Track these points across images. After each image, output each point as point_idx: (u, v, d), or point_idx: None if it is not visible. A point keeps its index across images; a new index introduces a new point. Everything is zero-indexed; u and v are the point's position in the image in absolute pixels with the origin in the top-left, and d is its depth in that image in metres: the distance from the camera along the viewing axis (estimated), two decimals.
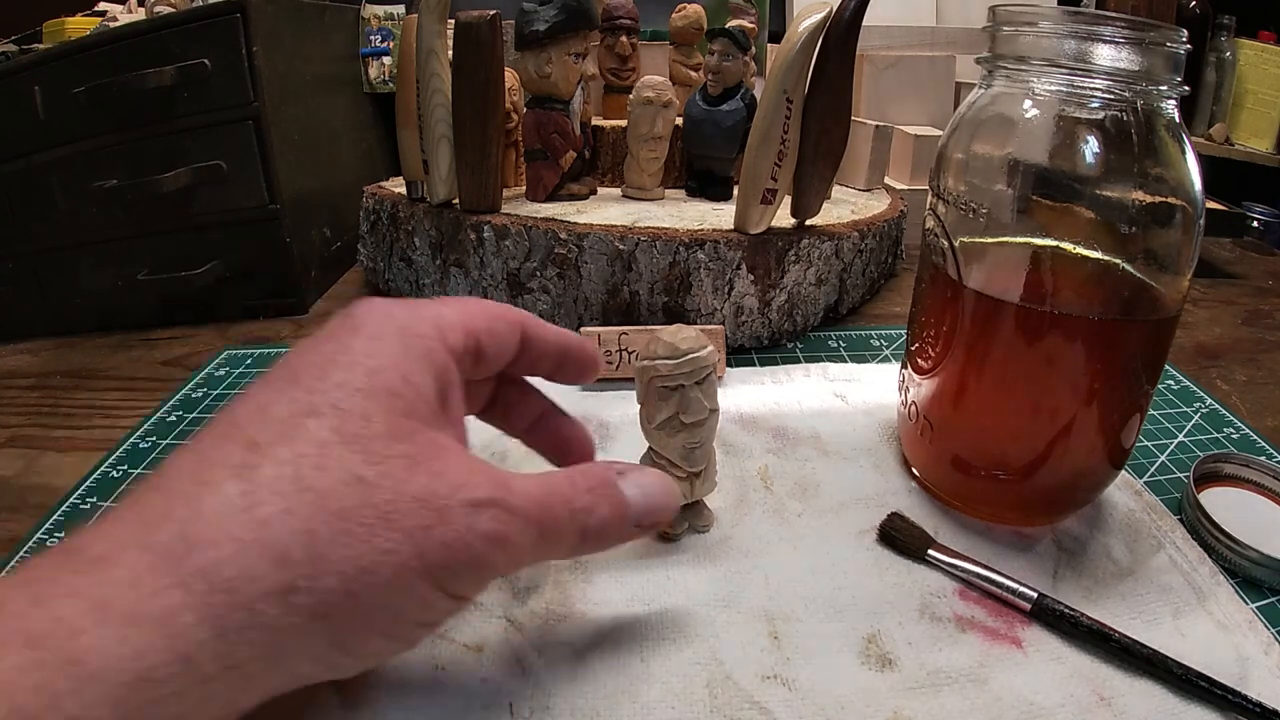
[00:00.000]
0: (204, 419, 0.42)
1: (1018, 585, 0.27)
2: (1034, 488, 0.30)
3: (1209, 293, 0.64)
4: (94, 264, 0.55)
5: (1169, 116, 0.26)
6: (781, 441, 0.37)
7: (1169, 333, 0.29)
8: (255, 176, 0.53)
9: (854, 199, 0.62)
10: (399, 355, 0.19)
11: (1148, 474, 0.37)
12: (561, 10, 0.46)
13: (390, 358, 0.19)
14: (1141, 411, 0.30)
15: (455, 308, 0.22)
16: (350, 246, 0.62)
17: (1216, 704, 0.24)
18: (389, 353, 0.19)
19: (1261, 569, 0.30)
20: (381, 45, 0.72)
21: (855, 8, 0.42)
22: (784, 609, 0.27)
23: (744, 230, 0.46)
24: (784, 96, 0.42)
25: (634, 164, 0.54)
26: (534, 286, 0.46)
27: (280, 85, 0.54)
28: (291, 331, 0.54)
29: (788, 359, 0.48)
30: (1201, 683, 0.24)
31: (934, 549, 0.29)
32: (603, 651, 0.25)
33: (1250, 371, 0.49)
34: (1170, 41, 0.25)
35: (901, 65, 0.74)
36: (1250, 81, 1.01)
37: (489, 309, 0.23)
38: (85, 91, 0.50)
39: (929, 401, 0.32)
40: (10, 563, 0.31)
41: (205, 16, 0.50)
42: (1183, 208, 0.26)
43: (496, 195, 0.48)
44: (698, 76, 0.62)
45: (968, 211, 0.29)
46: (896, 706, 0.24)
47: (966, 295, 0.29)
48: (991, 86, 0.29)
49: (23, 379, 0.49)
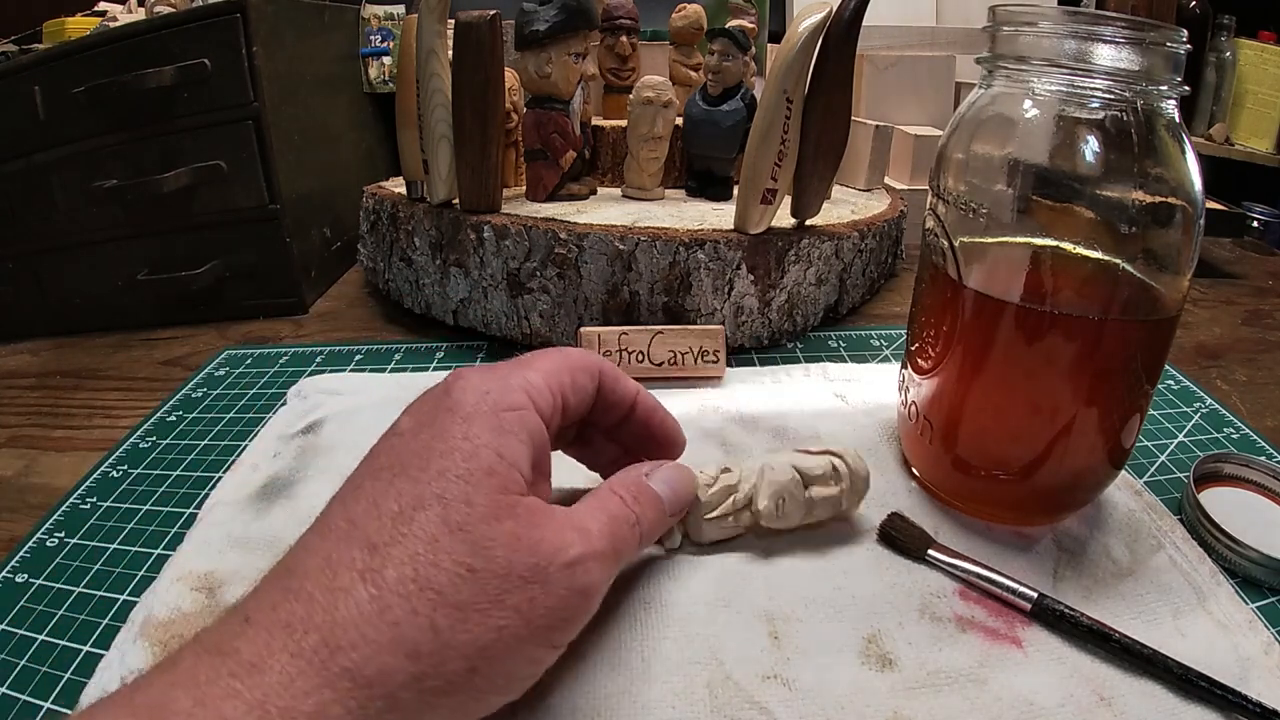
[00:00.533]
0: (204, 419, 0.42)
1: (1018, 585, 0.27)
2: (1034, 488, 0.30)
3: (1209, 293, 0.64)
4: (94, 264, 0.55)
5: (1169, 116, 0.26)
6: (781, 441, 0.37)
7: (1169, 333, 0.29)
8: (255, 176, 0.53)
9: (854, 199, 0.62)
10: (493, 433, 0.21)
11: (1148, 474, 0.37)
12: (561, 10, 0.46)
13: (485, 437, 0.21)
14: (1141, 411, 0.30)
15: (542, 370, 0.24)
16: (350, 246, 0.62)
17: (1216, 704, 0.24)
18: (483, 433, 0.21)
19: (1261, 569, 0.30)
20: (381, 45, 0.72)
21: (855, 8, 0.42)
22: (784, 609, 0.27)
23: (744, 230, 0.46)
24: (784, 96, 0.42)
25: (634, 164, 0.54)
26: (534, 286, 0.46)
27: (280, 85, 0.54)
28: (291, 331, 0.54)
29: (788, 359, 0.48)
30: (1201, 683, 0.24)
31: (934, 549, 0.29)
32: (603, 651, 0.25)
33: (1250, 371, 0.49)
34: (1170, 41, 0.25)
35: (901, 65, 0.74)
36: (1250, 81, 1.01)
37: (572, 361, 0.26)
38: (85, 91, 0.50)
39: (929, 401, 0.32)
40: (10, 562, 0.31)
41: (205, 16, 0.50)
42: (1183, 208, 0.26)
43: (496, 195, 0.48)
44: (698, 76, 0.62)
45: (968, 211, 0.29)
46: (896, 706, 0.24)
47: (966, 295, 0.29)
48: (991, 86, 0.29)
49: (23, 379, 0.49)
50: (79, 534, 0.33)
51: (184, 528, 0.33)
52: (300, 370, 0.47)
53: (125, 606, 0.29)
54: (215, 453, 0.39)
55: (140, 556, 0.31)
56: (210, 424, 0.41)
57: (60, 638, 0.27)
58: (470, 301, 0.49)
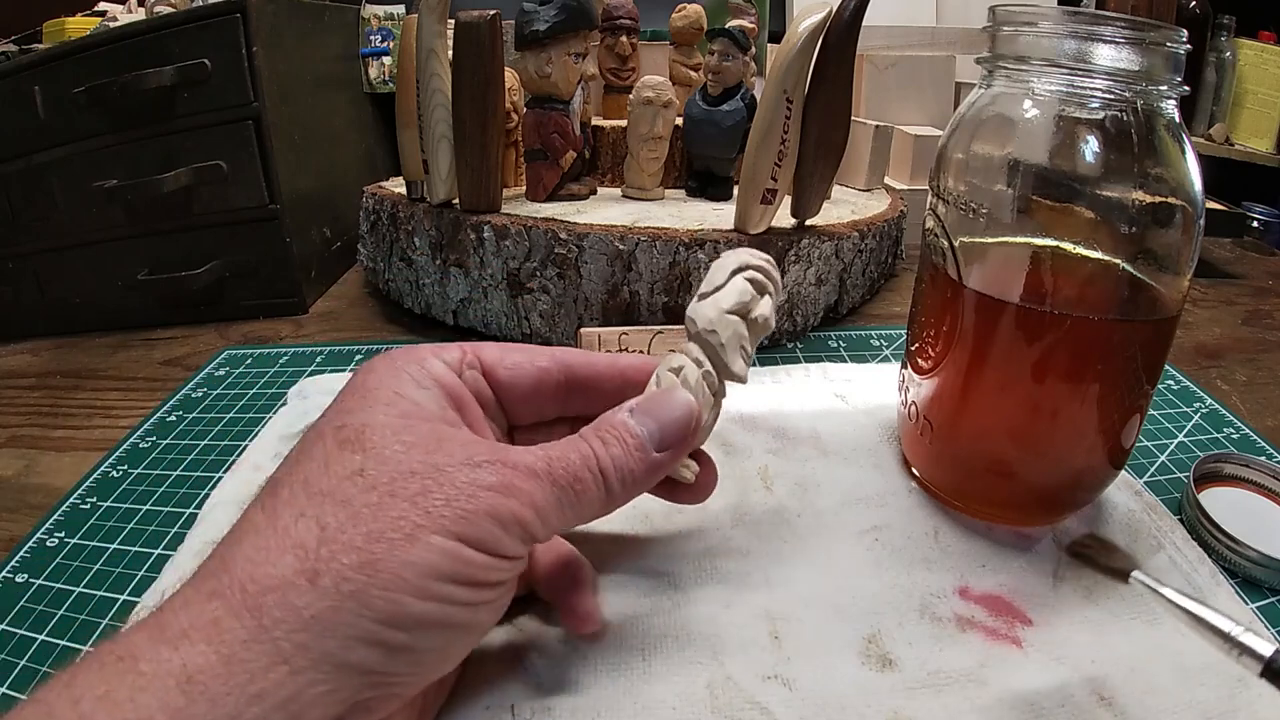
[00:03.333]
0: (204, 419, 0.42)
1: (1247, 633, 0.22)
2: (1034, 488, 0.30)
3: (1209, 293, 0.64)
4: (94, 264, 0.55)
5: (1169, 116, 0.26)
6: (781, 441, 0.37)
7: (1169, 333, 0.29)
8: (255, 176, 0.53)
9: (854, 199, 0.62)
10: (389, 376, 0.22)
11: (1148, 474, 0.37)
12: (561, 10, 0.46)
13: (381, 379, 0.21)
14: (1141, 411, 0.30)
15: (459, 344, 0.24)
16: (350, 246, 0.62)
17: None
18: (381, 377, 0.22)
19: (1261, 569, 0.30)
20: (381, 45, 0.72)
21: (855, 8, 0.42)
22: (784, 609, 0.27)
23: (744, 230, 0.46)
24: (784, 96, 0.42)
25: (634, 164, 0.54)
26: (534, 286, 0.46)
27: (280, 85, 0.54)
28: (291, 331, 0.54)
29: (788, 359, 0.48)
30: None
31: (1139, 571, 0.25)
32: (603, 651, 0.25)
33: (1250, 371, 0.49)
34: (1170, 41, 0.25)
35: (901, 65, 0.74)
36: (1250, 81, 1.01)
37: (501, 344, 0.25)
38: (85, 91, 0.50)
39: (929, 401, 0.32)
40: (10, 562, 0.31)
41: (205, 16, 0.50)
42: (1183, 208, 0.26)
43: (496, 195, 0.48)
44: (698, 76, 0.62)
45: (968, 211, 0.29)
46: (896, 706, 0.24)
47: (966, 295, 0.29)
48: (991, 86, 0.29)
49: (23, 379, 0.49)
50: (79, 534, 0.33)
51: (184, 528, 0.33)
52: (300, 370, 0.47)
53: (125, 606, 0.29)
54: (215, 453, 0.39)
55: (140, 556, 0.31)
56: (210, 424, 0.41)
57: (60, 638, 0.28)
58: (470, 301, 0.49)
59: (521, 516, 0.19)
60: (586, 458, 0.21)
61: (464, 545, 0.18)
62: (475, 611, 0.19)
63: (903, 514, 0.32)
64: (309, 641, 0.16)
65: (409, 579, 0.17)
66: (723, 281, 0.26)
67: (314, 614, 0.16)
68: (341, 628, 0.16)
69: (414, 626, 0.17)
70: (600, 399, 0.25)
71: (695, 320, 0.26)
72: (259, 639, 0.16)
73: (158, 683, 0.15)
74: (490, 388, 0.25)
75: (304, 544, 0.17)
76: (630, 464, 0.22)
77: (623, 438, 0.22)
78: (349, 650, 0.17)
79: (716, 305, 0.26)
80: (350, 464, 0.19)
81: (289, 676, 0.16)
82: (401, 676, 0.18)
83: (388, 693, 0.18)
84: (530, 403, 0.25)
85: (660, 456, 0.23)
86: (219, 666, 0.15)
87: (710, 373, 0.26)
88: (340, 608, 0.17)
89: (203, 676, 0.15)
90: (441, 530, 0.18)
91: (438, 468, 0.19)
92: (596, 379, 0.26)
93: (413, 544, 0.17)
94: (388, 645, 0.17)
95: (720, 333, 0.25)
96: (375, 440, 0.19)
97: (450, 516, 0.18)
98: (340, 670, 0.16)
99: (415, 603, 0.17)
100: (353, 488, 0.18)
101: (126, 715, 0.14)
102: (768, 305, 0.27)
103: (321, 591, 0.16)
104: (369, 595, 0.17)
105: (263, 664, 0.16)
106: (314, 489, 0.18)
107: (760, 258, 0.27)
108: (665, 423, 0.23)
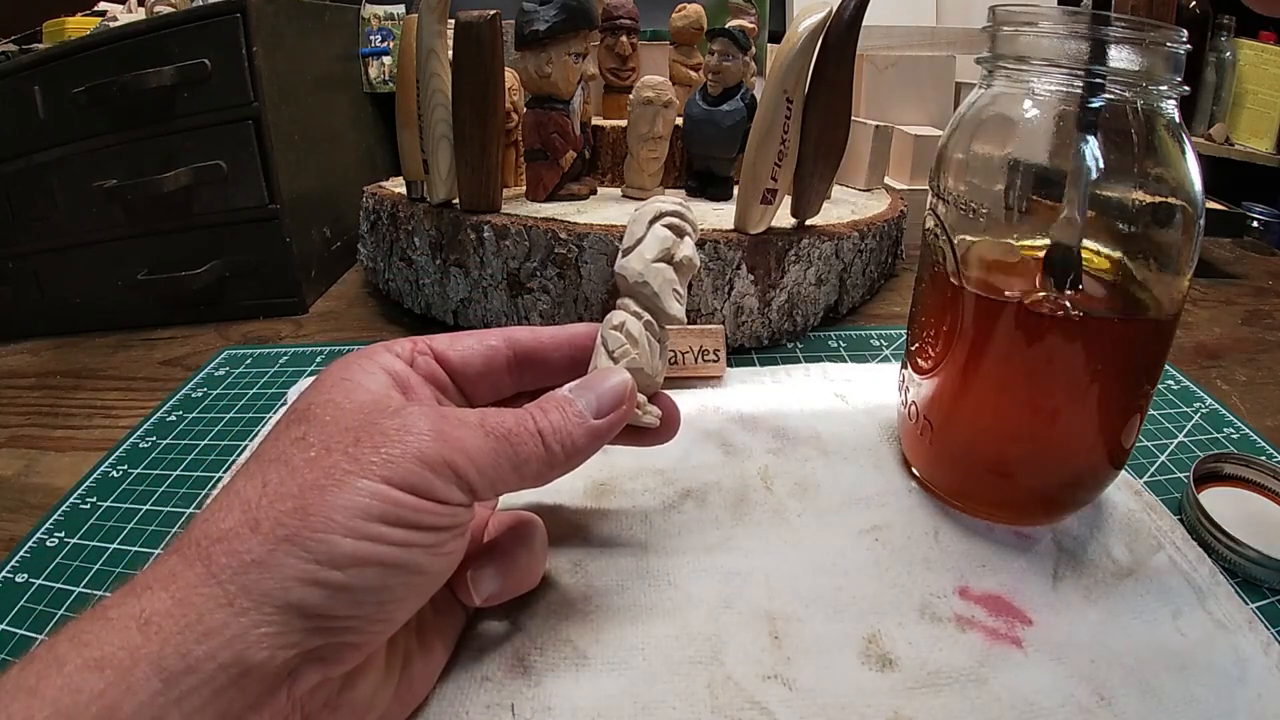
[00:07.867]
0: (204, 418, 0.42)
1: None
2: (1034, 488, 0.30)
3: (1209, 293, 0.64)
4: (94, 264, 0.55)
5: (1169, 116, 0.26)
6: (781, 441, 0.37)
7: (1169, 333, 0.29)
8: (255, 176, 0.53)
9: (854, 199, 0.62)
10: (338, 368, 0.23)
11: (1148, 474, 0.37)
12: (561, 10, 0.46)
13: (332, 370, 0.23)
14: (1141, 411, 0.30)
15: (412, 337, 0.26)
16: (350, 246, 0.62)
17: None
18: (332, 369, 0.24)
19: (1261, 569, 0.30)
20: (381, 45, 0.72)
21: (855, 8, 0.42)
22: (784, 609, 0.27)
23: (744, 230, 0.46)
24: (784, 96, 0.42)
25: (634, 164, 0.54)
26: (534, 286, 0.46)
27: (280, 85, 0.54)
28: (291, 331, 0.54)
29: (788, 359, 0.48)
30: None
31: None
32: (604, 651, 0.25)
33: (1250, 371, 0.49)
34: (1170, 41, 0.25)
35: (901, 65, 0.74)
36: (1250, 81, 1.01)
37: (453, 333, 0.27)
38: (85, 91, 0.50)
39: (929, 401, 0.32)
40: (10, 562, 0.31)
41: (205, 16, 0.50)
42: (1183, 208, 0.26)
43: (496, 195, 0.47)
44: (698, 76, 0.62)
45: (968, 211, 0.29)
46: (897, 706, 0.24)
47: (966, 295, 0.29)
48: (991, 86, 0.29)
49: (23, 379, 0.49)
50: (79, 534, 0.33)
51: (184, 528, 0.33)
52: (300, 370, 0.47)
53: None
54: (215, 453, 0.39)
55: (140, 556, 0.31)
56: (210, 424, 0.41)
57: None
58: (470, 301, 0.49)
59: (453, 460, 0.20)
60: (522, 418, 0.23)
61: (391, 487, 0.19)
62: (410, 553, 0.20)
63: (903, 514, 0.32)
64: (250, 584, 0.18)
65: (338, 520, 0.19)
66: (642, 233, 0.28)
67: (254, 558, 0.18)
68: (279, 569, 0.18)
69: (348, 564, 0.18)
70: (550, 370, 0.28)
71: (625, 275, 0.28)
72: (207, 583, 0.17)
73: (120, 624, 0.17)
74: (446, 373, 0.26)
75: (248, 499, 0.19)
76: (568, 427, 0.23)
77: (561, 406, 0.24)
78: (288, 591, 0.18)
79: (641, 257, 0.28)
80: (295, 433, 0.21)
81: (233, 616, 0.17)
82: (345, 620, 0.19)
83: (338, 640, 0.19)
84: (484, 380, 0.27)
85: (599, 423, 0.24)
86: (173, 609, 0.17)
87: (650, 321, 0.27)
88: (277, 550, 0.18)
89: (158, 618, 0.17)
90: (369, 474, 0.19)
91: (371, 422, 0.21)
92: (543, 349, 0.28)
93: (341, 488, 0.19)
94: (325, 584, 0.18)
95: (651, 282, 0.27)
96: (317, 413, 0.21)
97: (378, 461, 0.20)
98: (282, 611, 0.18)
99: (346, 541, 0.18)
100: (294, 449, 0.20)
101: (93, 653, 0.16)
102: (689, 245, 0.29)
103: (262, 537, 0.18)
104: (302, 537, 0.18)
105: (210, 605, 0.17)
106: (264, 457, 0.20)
107: (672, 202, 0.29)
108: (601, 392, 0.24)
